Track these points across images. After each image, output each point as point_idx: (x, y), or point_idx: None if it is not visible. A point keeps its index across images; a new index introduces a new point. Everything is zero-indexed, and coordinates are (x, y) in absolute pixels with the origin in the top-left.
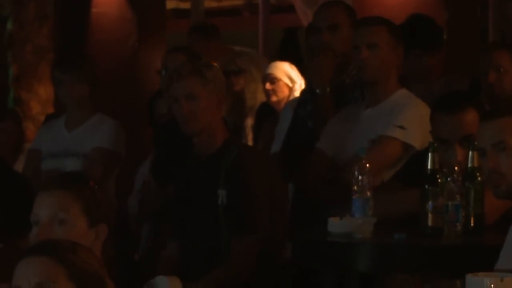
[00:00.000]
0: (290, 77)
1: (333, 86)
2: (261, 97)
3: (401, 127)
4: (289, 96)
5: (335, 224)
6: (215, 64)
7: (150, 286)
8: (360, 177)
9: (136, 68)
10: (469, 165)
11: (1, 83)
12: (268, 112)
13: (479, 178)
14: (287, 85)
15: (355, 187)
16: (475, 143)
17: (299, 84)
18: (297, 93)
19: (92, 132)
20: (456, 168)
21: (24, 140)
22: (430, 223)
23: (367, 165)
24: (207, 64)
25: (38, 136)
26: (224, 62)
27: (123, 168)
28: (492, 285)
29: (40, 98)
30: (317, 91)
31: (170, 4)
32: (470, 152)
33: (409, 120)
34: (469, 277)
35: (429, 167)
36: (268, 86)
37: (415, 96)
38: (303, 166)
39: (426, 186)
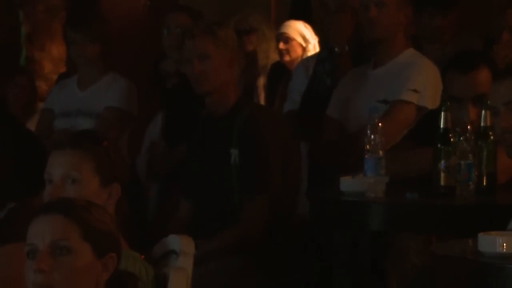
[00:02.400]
0: (304, 37)
1: (352, 45)
2: (274, 57)
3: (415, 91)
4: (302, 56)
5: (348, 183)
6: (227, 23)
7: (162, 245)
8: (372, 136)
9: (147, 27)
10: (482, 124)
11: (13, 42)
12: (280, 71)
13: (491, 137)
14: (301, 45)
15: (367, 146)
16: (488, 102)
17: (313, 44)
18: (310, 53)
19: (105, 92)
20: (468, 127)
21: (37, 98)
22: (442, 182)
23: (379, 124)
24: (219, 24)
25: (51, 95)
26: (236, 21)
27: (135, 128)
28: (504, 244)
29: (52, 57)
30: (336, 49)
31: None
32: (483, 111)
33: (422, 82)
34: (482, 236)
35: (441, 126)
36: (281, 45)
37: (423, 56)
38: (317, 129)
39: (439, 145)
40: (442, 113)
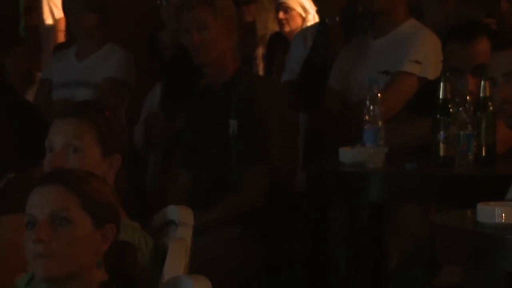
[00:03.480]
0: (303, 7)
1: (345, 15)
2: (272, 27)
3: (417, 62)
4: (302, 26)
5: (347, 154)
6: None
7: (161, 216)
8: (371, 107)
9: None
10: (481, 94)
11: (12, 13)
12: (279, 41)
13: (491, 108)
14: (300, 15)
15: (366, 117)
16: (487, 72)
17: (312, 14)
18: (310, 23)
19: (103, 62)
20: (468, 97)
21: (36, 69)
22: (441, 152)
23: (379, 95)
24: None
25: (49, 65)
26: None
27: (133, 98)
28: (503, 215)
29: None
30: (326, 21)
31: None
32: (482, 82)
33: (423, 53)
34: (480, 207)
35: (441, 96)
36: (281, 15)
37: (424, 26)
38: (316, 100)
39: (438, 116)
40: (442, 83)
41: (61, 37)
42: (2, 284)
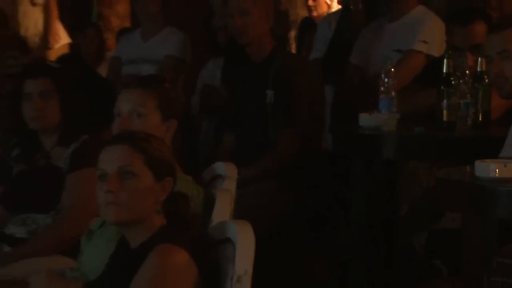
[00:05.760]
0: None
1: (366, 2)
2: (302, 13)
3: (424, 42)
4: (327, 11)
5: (365, 119)
6: None
7: (210, 171)
8: (386, 80)
9: None
10: (478, 69)
11: (86, 1)
12: (308, 25)
13: (486, 80)
14: (326, 2)
15: (381, 88)
16: (483, 51)
17: (335, 1)
18: (334, 9)
19: (164, 42)
20: (467, 72)
21: (105, 48)
22: (445, 118)
23: (392, 69)
24: None
25: (119, 45)
26: None
27: (188, 72)
28: (496, 170)
29: (118, 13)
30: (351, 7)
31: None
32: (479, 59)
33: (430, 34)
34: (478, 163)
35: (444, 71)
36: (310, 2)
37: (431, 11)
38: (339, 74)
39: (442, 87)
40: (445, 60)
41: (115, 21)
42: (81, 227)
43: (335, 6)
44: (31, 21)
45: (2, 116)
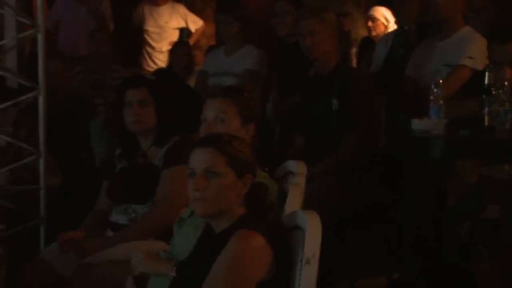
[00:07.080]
0: (386, 18)
1: (419, 24)
2: (362, 33)
3: (470, 57)
4: (384, 32)
5: (417, 124)
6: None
7: (283, 168)
8: (435, 90)
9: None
10: None
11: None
12: (367, 43)
13: None
14: (384, 24)
15: (431, 97)
16: None
17: (392, 23)
18: (390, 30)
19: (244, 58)
20: (505, 83)
21: (194, 63)
22: (486, 123)
23: (441, 81)
24: (324, 8)
25: (205, 61)
26: (334, 7)
27: (265, 83)
28: None
29: (205, 33)
30: (406, 27)
31: None
32: None
33: (475, 51)
34: None
35: (486, 82)
36: (369, 23)
37: (476, 32)
38: (397, 83)
39: (484, 96)
40: (487, 73)
41: (203, 40)
42: (173, 216)
43: (391, 27)
44: None
45: (108, 121)
